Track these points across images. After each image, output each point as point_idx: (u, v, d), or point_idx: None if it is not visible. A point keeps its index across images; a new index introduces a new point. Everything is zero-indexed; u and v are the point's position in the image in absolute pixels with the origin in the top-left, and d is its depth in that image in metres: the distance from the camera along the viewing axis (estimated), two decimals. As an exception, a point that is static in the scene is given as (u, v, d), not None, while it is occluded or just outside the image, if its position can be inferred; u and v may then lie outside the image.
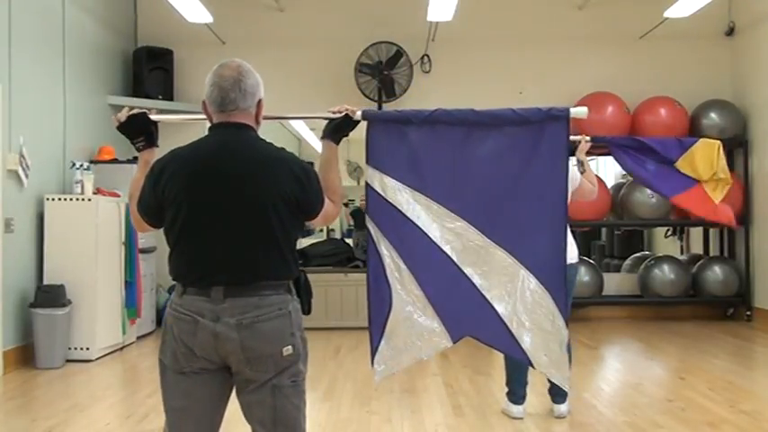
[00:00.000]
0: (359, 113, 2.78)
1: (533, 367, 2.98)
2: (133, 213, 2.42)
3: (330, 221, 2.55)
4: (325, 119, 2.72)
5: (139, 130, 2.57)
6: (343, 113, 2.70)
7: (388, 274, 2.90)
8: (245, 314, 2.22)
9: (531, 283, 2.89)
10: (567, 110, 2.90)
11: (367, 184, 2.92)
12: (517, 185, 2.91)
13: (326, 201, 2.42)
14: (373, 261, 2.92)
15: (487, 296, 2.91)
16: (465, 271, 2.91)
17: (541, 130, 2.88)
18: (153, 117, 2.61)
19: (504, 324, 2.89)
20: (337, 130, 2.68)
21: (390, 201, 2.90)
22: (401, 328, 2.92)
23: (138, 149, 2.57)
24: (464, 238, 2.91)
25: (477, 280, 2.91)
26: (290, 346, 2.26)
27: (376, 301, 2.93)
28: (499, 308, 2.90)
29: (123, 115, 2.57)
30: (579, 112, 2.92)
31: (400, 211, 2.90)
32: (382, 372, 2.95)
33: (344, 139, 2.73)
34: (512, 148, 2.92)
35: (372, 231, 2.90)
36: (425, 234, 2.90)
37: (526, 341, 2.90)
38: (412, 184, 2.90)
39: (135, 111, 2.60)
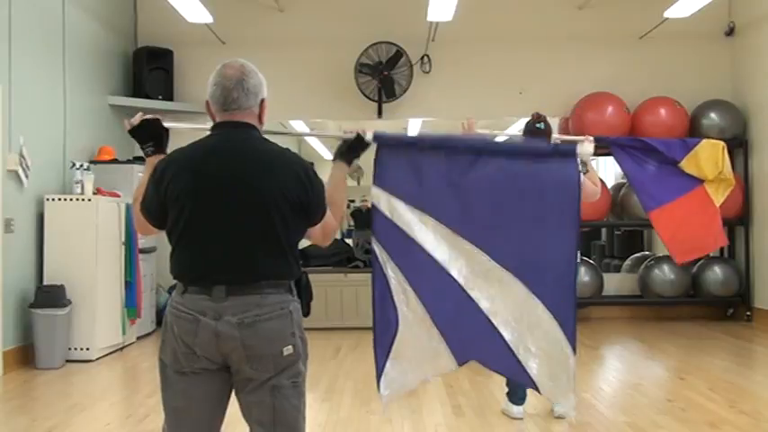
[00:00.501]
0: (369, 135, 2.76)
1: (540, 393, 2.93)
2: (137, 215, 2.41)
3: (328, 238, 2.50)
4: (337, 138, 2.73)
5: (150, 135, 2.55)
6: (355, 133, 2.71)
7: (395, 296, 2.85)
8: (246, 313, 2.22)
9: (539, 309, 2.82)
10: (574, 148, 2.85)
11: (373, 206, 2.87)
12: (527, 212, 2.86)
13: (329, 213, 2.42)
14: (379, 283, 2.87)
15: (494, 321, 2.86)
16: (471, 295, 2.86)
17: (551, 161, 2.84)
18: (166, 124, 2.59)
19: (511, 350, 2.84)
20: (348, 151, 2.68)
21: (397, 223, 2.85)
22: (407, 349, 2.88)
23: (147, 154, 2.54)
24: (472, 261, 2.86)
25: (483, 304, 2.86)
26: (290, 346, 2.27)
27: (382, 323, 2.88)
28: (506, 333, 2.85)
29: (137, 119, 2.55)
30: (585, 152, 2.87)
31: (407, 234, 2.85)
32: (388, 396, 2.91)
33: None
34: (522, 175, 2.87)
35: (378, 253, 2.86)
36: (432, 257, 2.85)
37: (533, 367, 2.84)
38: (419, 207, 2.85)
39: (149, 116, 2.57)
